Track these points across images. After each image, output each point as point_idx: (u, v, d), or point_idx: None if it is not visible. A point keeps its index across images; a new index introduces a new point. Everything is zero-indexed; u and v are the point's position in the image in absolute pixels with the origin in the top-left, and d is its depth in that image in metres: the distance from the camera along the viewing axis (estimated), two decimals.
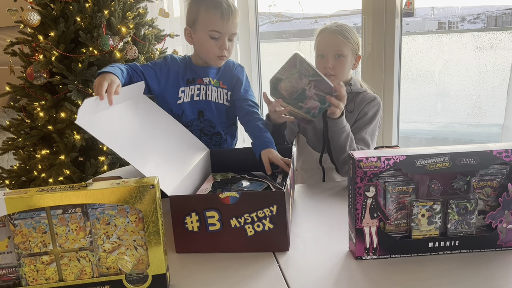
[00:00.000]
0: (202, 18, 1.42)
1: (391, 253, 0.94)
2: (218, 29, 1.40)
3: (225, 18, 1.39)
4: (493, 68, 2.75)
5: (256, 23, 2.91)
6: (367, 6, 2.21)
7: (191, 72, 1.50)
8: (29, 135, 2.11)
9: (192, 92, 1.48)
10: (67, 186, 0.82)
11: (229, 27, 1.41)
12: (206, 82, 1.50)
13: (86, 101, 1.07)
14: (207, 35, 1.41)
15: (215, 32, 1.40)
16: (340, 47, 1.50)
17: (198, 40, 1.45)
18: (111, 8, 2.06)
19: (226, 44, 1.43)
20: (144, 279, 0.85)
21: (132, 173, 1.46)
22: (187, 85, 1.48)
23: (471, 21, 3.05)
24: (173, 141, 1.32)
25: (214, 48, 1.43)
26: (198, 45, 1.47)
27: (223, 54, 1.44)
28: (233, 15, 1.41)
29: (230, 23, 1.41)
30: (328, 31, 1.54)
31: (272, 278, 0.90)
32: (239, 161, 1.37)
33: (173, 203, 0.98)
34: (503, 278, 0.85)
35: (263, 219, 0.97)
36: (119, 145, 1.08)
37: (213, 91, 1.50)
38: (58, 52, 1.99)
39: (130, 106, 1.29)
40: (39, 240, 0.82)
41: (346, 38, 1.50)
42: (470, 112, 3.04)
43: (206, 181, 1.24)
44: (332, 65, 1.50)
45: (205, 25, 1.41)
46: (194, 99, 1.48)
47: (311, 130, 1.60)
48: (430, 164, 0.90)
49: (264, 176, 1.27)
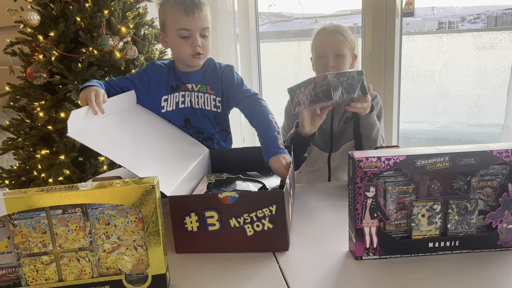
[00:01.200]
0: (168, 19, 1.36)
1: (391, 253, 0.94)
2: (185, 26, 1.32)
3: (189, 14, 1.31)
4: (493, 68, 2.75)
5: (256, 23, 2.91)
6: (367, 6, 2.21)
7: (175, 79, 1.43)
8: (29, 135, 2.11)
9: (176, 100, 1.42)
10: (67, 186, 0.82)
11: (196, 22, 1.33)
12: (190, 89, 1.43)
13: (74, 113, 1.07)
14: (177, 35, 1.34)
15: (183, 31, 1.33)
16: (340, 46, 1.51)
17: (171, 43, 1.39)
18: (111, 8, 2.06)
19: (198, 40, 1.34)
20: (144, 279, 0.85)
21: (132, 173, 1.46)
22: (171, 93, 1.42)
23: (471, 21, 3.05)
24: (170, 143, 1.31)
25: (187, 47, 1.35)
26: (172, 48, 1.41)
27: (197, 52, 1.35)
28: (198, 9, 1.33)
29: (196, 17, 1.32)
30: (327, 31, 1.55)
31: (272, 278, 0.90)
32: (240, 161, 1.37)
33: (172, 203, 0.98)
34: (503, 278, 0.85)
35: (262, 219, 0.97)
36: (114, 152, 1.08)
37: (198, 98, 1.43)
38: (58, 52, 1.99)
39: (123, 114, 1.29)
40: (38, 240, 0.82)
41: (344, 38, 1.52)
42: (470, 112, 3.04)
43: (201, 182, 1.24)
44: (333, 64, 1.51)
45: (173, 25, 1.35)
46: (179, 106, 1.42)
47: (317, 131, 1.61)
48: (430, 164, 0.90)
49: (260, 175, 1.27)
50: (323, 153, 1.60)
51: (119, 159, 1.06)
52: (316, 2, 3.45)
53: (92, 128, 1.11)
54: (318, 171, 1.62)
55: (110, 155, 1.06)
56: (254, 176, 1.27)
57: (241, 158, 1.38)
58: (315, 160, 1.62)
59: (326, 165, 1.60)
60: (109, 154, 1.06)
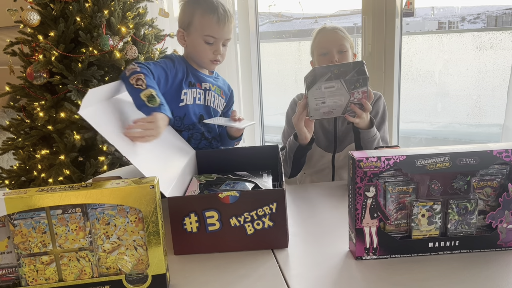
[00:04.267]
0: (197, 22, 1.40)
1: (391, 253, 0.94)
2: (214, 34, 1.39)
3: (221, 24, 1.39)
4: (493, 68, 2.75)
5: (256, 23, 2.90)
6: (367, 6, 2.21)
7: (193, 76, 1.48)
8: (29, 135, 2.11)
9: (194, 95, 1.47)
10: (67, 186, 0.82)
11: (225, 32, 1.41)
12: (207, 88, 1.49)
13: (91, 92, 1.03)
14: (202, 39, 1.40)
15: (210, 38, 1.40)
16: (342, 41, 1.55)
17: (192, 43, 1.44)
18: (111, 8, 2.06)
19: (221, 49, 1.42)
20: (144, 279, 0.85)
21: (132, 173, 1.45)
22: (189, 88, 1.46)
23: (471, 21, 3.05)
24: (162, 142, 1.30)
25: (208, 53, 1.42)
26: (191, 48, 1.46)
27: (217, 59, 1.44)
28: (229, 21, 1.41)
29: (226, 28, 1.40)
30: (327, 30, 1.59)
31: (272, 278, 0.90)
32: (224, 162, 1.36)
33: (171, 204, 0.97)
34: (503, 278, 0.85)
35: (263, 217, 0.97)
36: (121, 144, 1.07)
37: (213, 97, 1.50)
38: (58, 52, 1.99)
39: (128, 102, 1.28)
40: (38, 240, 0.82)
41: (345, 34, 1.58)
42: (470, 112, 3.04)
43: (191, 184, 1.23)
44: (338, 59, 1.53)
45: (201, 29, 1.40)
46: (196, 102, 1.47)
47: (320, 132, 1.61)
48: (430, 164, 0.90)
49: (250, 175, 1.27)
50: (327, 154, 1.60)
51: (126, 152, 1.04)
52: (316, 2, 3.45)
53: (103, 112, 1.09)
54: (322, 171, 1.63)
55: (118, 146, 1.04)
56: (244, 176, 1.27)
57: (226, 159, 1.37)
58: (319, 160, 1.62)
59: (331, 165, 1.60)
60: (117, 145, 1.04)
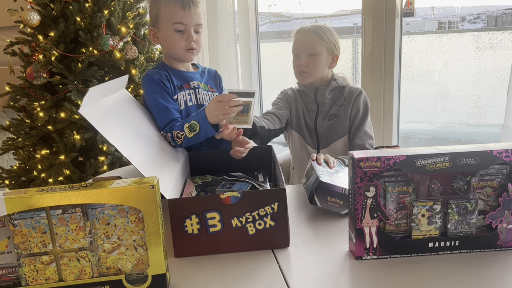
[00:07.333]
0: (163, 13, 1.38)
1: (391, 253, 0.94)
2: (181, 20, 1.36)
3: (186, 8, 1.36)
4: (493, 68, 2.75)
5: (256, 23, 2.90)
6: (367, 6, 2.20)
7: (177, 78, 1.45)
8: (29, 135, 2.11)
9: (184, 98, 1.44)
10: (67, 186, 0.82)
11: (192, 17, 1.37)
12: (195, 86, 1.47)
13: (92, 90, 1.03)
14: (171, 29, 1.38)
15: (179, 25, 1.37)
16: (312, 44, 1.54)
17: (163, 37, 1.41)
18: (111, 8, 2.06)
19: (193, 35, 1.39)
20: (144, 279, 0.85)
21: (132, 173, 1.46)
22: (179, 91, 1.44)
23: (471, 21, 3.05)
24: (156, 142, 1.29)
25: (181, 41, 1.39)
26: (165, 43, 1.43)
27: (191, 47, 1.40)
28: (194, 5, 1.38)
29: (192, 13, 1.37)
30: (303, 31, 1.58)
31: (272, 278, 0.90)
32: (216, 163, 1.35)
33: (172, 206, 0.97)
34: (503, 278, 0.85)
35: (264, 217, 0.97)
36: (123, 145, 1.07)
37: (204, 95, 1.47)
38: (58, 52, 1.99)
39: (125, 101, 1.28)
40: (38, 240, 0.82)
41: (319, 37, 1.54)
42: (470, 112, 3.04)
43: (186, 185, 1.22)
44: (305, 62, 1.54)
45: (168, 19, 1.37)
46: (188, 104, 1.44)
47: (305, 128, 1.62)
48: (430, 164, 0.90)
49: (244, 176, 1.27)
50: (312, 150, 1.64)
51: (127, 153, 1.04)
52: (316, 2, 3.46)
53: (103, 111, 1.09)
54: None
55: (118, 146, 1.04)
56: (239, 177, 1.27)
57: (219, 160, 1.35)
58: (306, 156, 1.64)
59: None
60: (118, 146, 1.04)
